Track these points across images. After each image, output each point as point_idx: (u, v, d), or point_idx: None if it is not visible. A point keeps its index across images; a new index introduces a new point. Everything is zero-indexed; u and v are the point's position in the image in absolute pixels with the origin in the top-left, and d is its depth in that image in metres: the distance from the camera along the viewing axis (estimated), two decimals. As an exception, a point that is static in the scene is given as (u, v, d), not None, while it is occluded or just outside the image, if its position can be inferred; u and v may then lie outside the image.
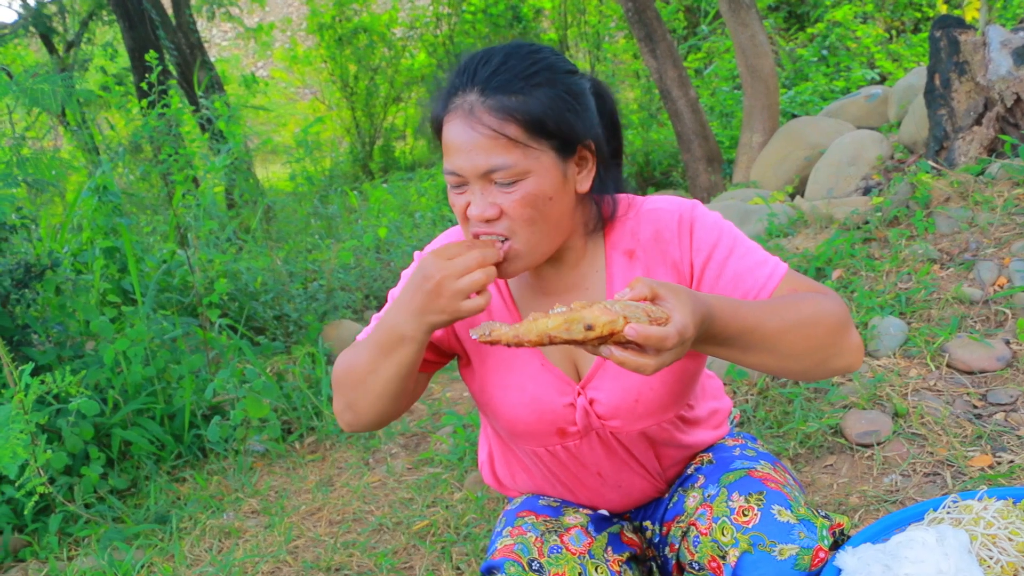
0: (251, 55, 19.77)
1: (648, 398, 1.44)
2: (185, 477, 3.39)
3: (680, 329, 1.06)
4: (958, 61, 4.18)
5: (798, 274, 1.38)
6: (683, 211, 1.41)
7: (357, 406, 1.42)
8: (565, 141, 1.31)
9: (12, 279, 3.47)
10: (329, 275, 5.16)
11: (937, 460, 2.35)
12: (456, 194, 1.33)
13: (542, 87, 1.29)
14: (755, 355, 1.25)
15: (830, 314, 1.28)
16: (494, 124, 1.26)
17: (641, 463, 1.54)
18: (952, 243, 3.44)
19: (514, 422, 1.49)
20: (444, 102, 1.33)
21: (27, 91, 2.87)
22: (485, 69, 1.29)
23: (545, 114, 1.28)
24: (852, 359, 1.32)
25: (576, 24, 12.78)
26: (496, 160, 1.26)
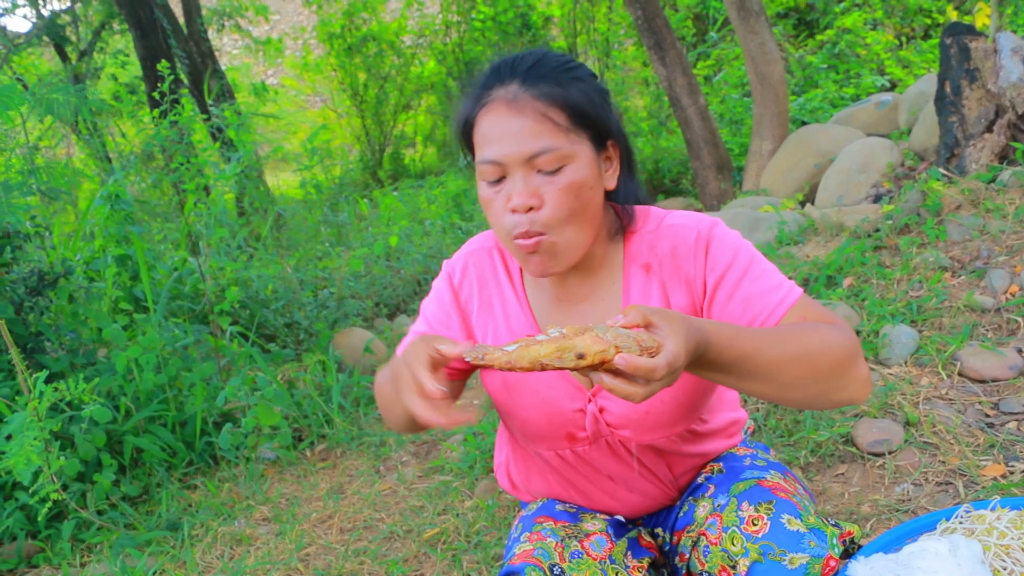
0: (261, 63, 19.86)
1: (658, 410, 1.44)
2: (197, 484, 3.40)
3: (670, 360, 1.06)
4: (969, 68, 4.18)
5: (812, 301, 1.37)
6: (701, 229, 1.41)
7: (391, 418, 1.45)
8: (599, 133, 1.35)
9: (26, 287, 3.49)
10: (340, 283, 5.17)
11: (949, 469, 2.34)
12: (493, 190, 1.34)
13: (578, 81, 1.33)
14: (753, 383, 1.23)
15: (835, 346, 1.25)
16: (540, 108, 1.28)
17: (652, 471, 1.54)
18: (963, 251, 3.43)
19: (526, 423, 1.51)
20: (477, 98, 1.35)
21: (42, 101, 2.90)
22: (523, 64, 1.33)
23: (585, 104, 1.31)
24: (856, 392, 1.29)
25: (585, 31, 12.81)
26: (544, 142, 1.28)
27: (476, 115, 1.34)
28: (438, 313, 1.55)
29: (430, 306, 1.56)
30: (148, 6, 8.86)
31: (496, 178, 1.32)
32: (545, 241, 1.31)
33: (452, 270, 1.56)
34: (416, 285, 5.99)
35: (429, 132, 14.40)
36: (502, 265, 1.54)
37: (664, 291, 1.42)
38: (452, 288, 1.55)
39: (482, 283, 1.53)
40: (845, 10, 10.00)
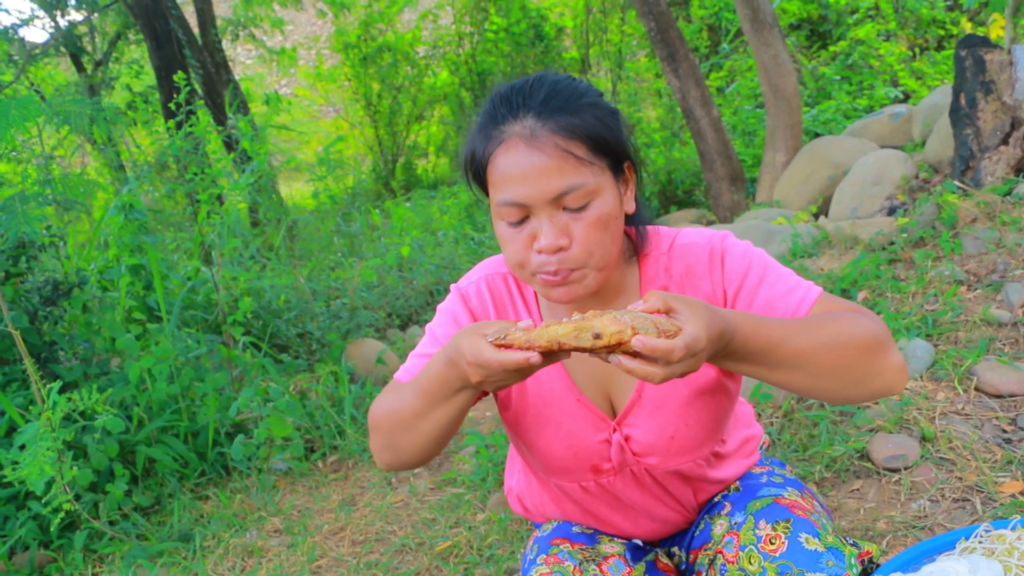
0: (275, 73, 19.94)
1: (683, 435, 1.42)
2: (208, 495, 3.41)
3: (689, 342, 1.04)
4: (984, 80, 4.16)
5: (833, 296, 1.35)
6: (713, 244, 1.40)
7: (400, 447, 1.37)
8: (617, 159, 1.31)
9: (40, 296, 3.51)
10: (352, 293, 5.18)
11: (966, 486, 2.32)
12: (514, 230, 1.28)
13: (591, 107, 1.27)
14: (783, 373, 1.21)
15: (865, 332, 1.23)
16: (561, 143, 1.23)
17: (675, 497, 1.52)
18: (979, 264, 3.41)
19: (549, 457, 1.47)
20: (489, 134, 1.28)
21: (58, 111, 2.91)
22: (536, 95, 1.27)
23: (602, 131, 1.26)
24: (892, 380, 1.25)
25: (598, 43, 12.82)
26: (570, 181, 1.23)
27: (491, 153, 1.27)
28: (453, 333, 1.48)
29: (442, 327, 1.49)
30: (163, 17, 8.92)
31: (519, 219, 1.27)
32: (575, 274, 1.28)
33: (466, 293, 1.50)
34: (428, 296, 5.98)
35: (442, 142, 14.43)
36: (517, 291, 1.50)
37: None
38: (469, 309, 1.49)
39: (499, 308, 1.49)
40: (858, 21, 9.98)
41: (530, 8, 13.22)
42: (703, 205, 7.84)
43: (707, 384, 1.40)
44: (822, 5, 10.42)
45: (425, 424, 1.31)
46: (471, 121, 1.36)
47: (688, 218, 7.21)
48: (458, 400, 1.27)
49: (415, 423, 1.32)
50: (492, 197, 1.30)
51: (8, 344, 3.30)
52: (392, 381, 1.46)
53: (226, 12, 13.48)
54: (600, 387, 1.45)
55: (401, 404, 1.35)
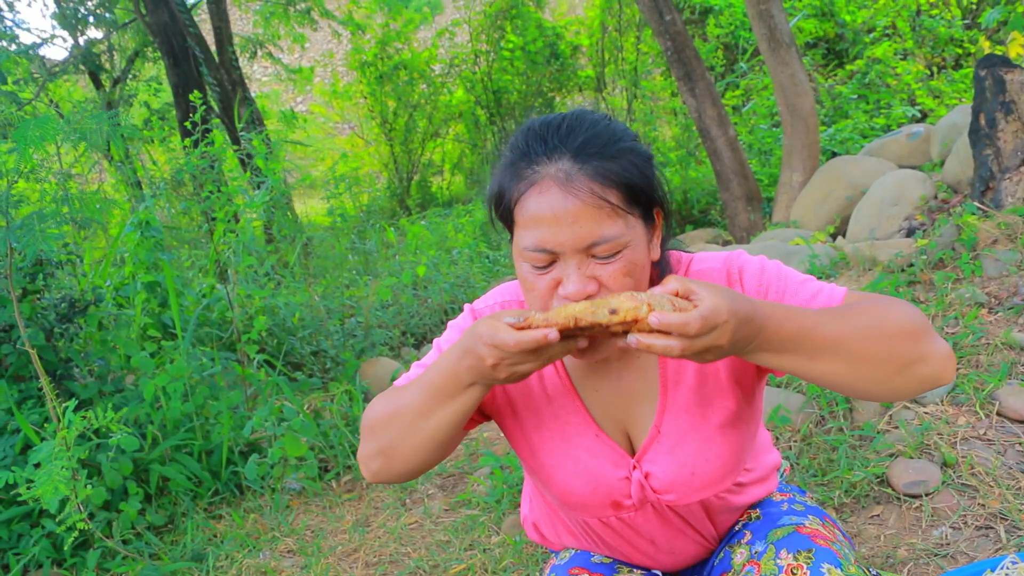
0: (291, 91, 20.08)
1: (704, 471, 1.38)
2: (222, 514, 3.39)
3: (705, 314, 1.02)
4: (1004, 100, 4.13)
5: (860, 292, 1.30)
6: (729, 265, 1.37)
7: (394, 452, 1.30)
8: (647, 208, 1.26)
9: (57, 313, 3.52)
10: (367, 312, 5.17)
11: (989, 513, 2.28)
12: (538, 274, 1.23)
13: (627, 154, 1.22)
14: (823, 362, 1.14)
15: (904, 316, 1.17)
16: (597, 190, 1.17)
17: (697, 530, 1.50)
18: (1000, 286, 3.37)
19: (568, 493, 1.43)
20: (521, 173, 1.22)
21: (76, 128, 2.93)
22: (575, 136, 1.21)
23: (638, 179, 1.22)
24: (939, 367, 1.17)
25: (614, 61, 12.84)
26: (604, 231, 1.17)
27: (522, 194, 1.21)
28: None
29: (449, 342, 1.44)
30: (181, 35, 9.00)
31: (545, 264, 1.21)
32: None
33: (480, 314, 1.46)
34: (443, 314, 5.97)
35: (457, 160, 14.47)
36: None
37: None
38: None
39: None
40: (875, 40, 9.96)
41: (546, 26, 13.27)
42: (719, 225, 7.81)
43: (727, 418, 1.37)
44: (839, 24, 10.41)
45: (427, 425, 1.26)
46: (500, 152, 1.30)
47: (704, 238, 7.18)
48: (466, 398, 1.22)
49: (416, 423, 1.27)
50: (518, 238, 1.24)
51: (24, 361, 3.30)
52: (391, 387, 1.40)
53: (243, 29, 13.59)
54: (618, 423, 1.42)
55: (401, 404, 1.29)
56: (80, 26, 10.73)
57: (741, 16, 10.52)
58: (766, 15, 6.26)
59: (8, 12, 12.52)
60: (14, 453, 3.10)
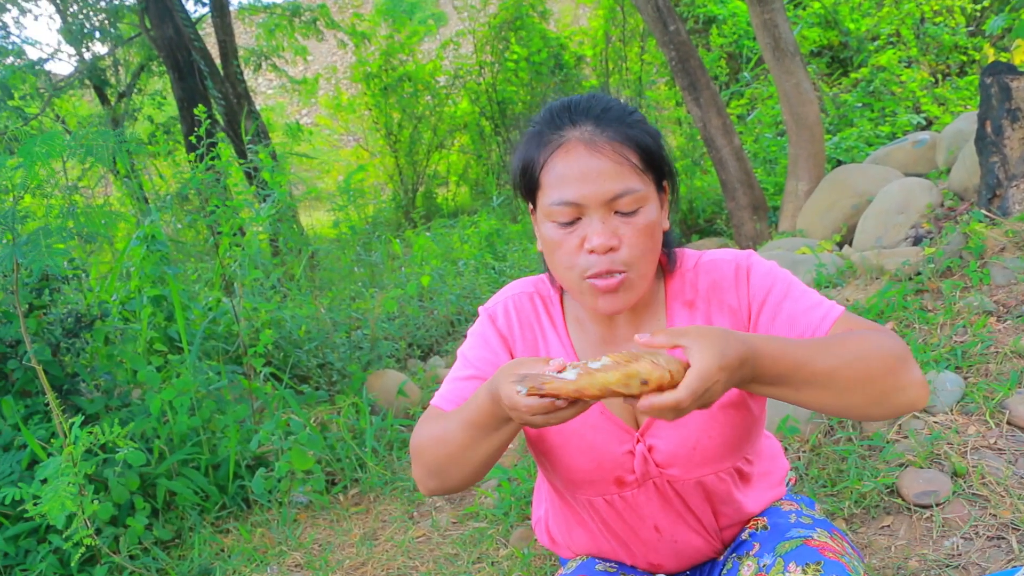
0: (296, 103, 20.14)
1: (705, 445, 1.43)
2: (229, 528, 3.38)
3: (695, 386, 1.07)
4: (1010, 108, 4.12)
5: (854, 315, 1.37)
6: (739, 260, 1.45)
7: (447, 477, 1.40)
8: (661, 175, 1.39)
9: (63, 328, 3.52)
10: (373, 324, 5.17)
11: (1001, 523, 2.26)
12: (564, 232, 1.33)
13: (641, 124, 1.37)
14: (810, 392, 1.22)
15: (886, 348, 1.25)
16: (619, 149, 1.31)
17: (697, 517, 1.52)
18: (1009, 295, 3.36)
19: (573, 470, 1.48)
20: (547, 139, 1.35)
21: (82, 144, 2.94)
22: (593, 107, 1.35)
23: (653, 146, 1.35)
24: (915, 395, 1.26)
25: (618, 71, 12.85)
26: (626, 184, 1.30)
27: (548, 156, 1.34)
28: (484, 354, 1.52)
29: (473, 351, 1.53)
30: (186, 49, 9.04)
31: (571, 219, 1.32)
32: (625, 279, 1.32)
33: (494, 313, 1.55)
34: (449, 326, 5.97)
35: (462, 171, 14.47)
36: (543, 309, 1.53)
37: (709, 324, 1.43)
38: (497, 330, 1.53)
39: (525, 326, 1.53)
40: (879, 48, 9.95)
41: (550, 37, 13.28)
42: (725, 234, 7.80)
43: (730, 398, 1.43)
44: (843, 32, 10.40)
45: (474, 455, 1.35)
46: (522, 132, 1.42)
47: (710, 247, 7.16)
48: (506, 431, 1.31)
49: (463, 454, 1.36)
50: (544, 199, 1.35)
51: (30, 376, 3.31)
52: (431, 408, 1.50)
53: (248, 42, 13.63)
54: None
55: (447, 435, 1.37)
56: (86, 41, 10.78)
57: (745, 25, 10.52)
58: (770, 24, 6.25)
59: (15, 28, 12.59)
60: (21, 468, 3.10)
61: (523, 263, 7.18)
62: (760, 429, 1.54)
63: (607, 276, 1.31)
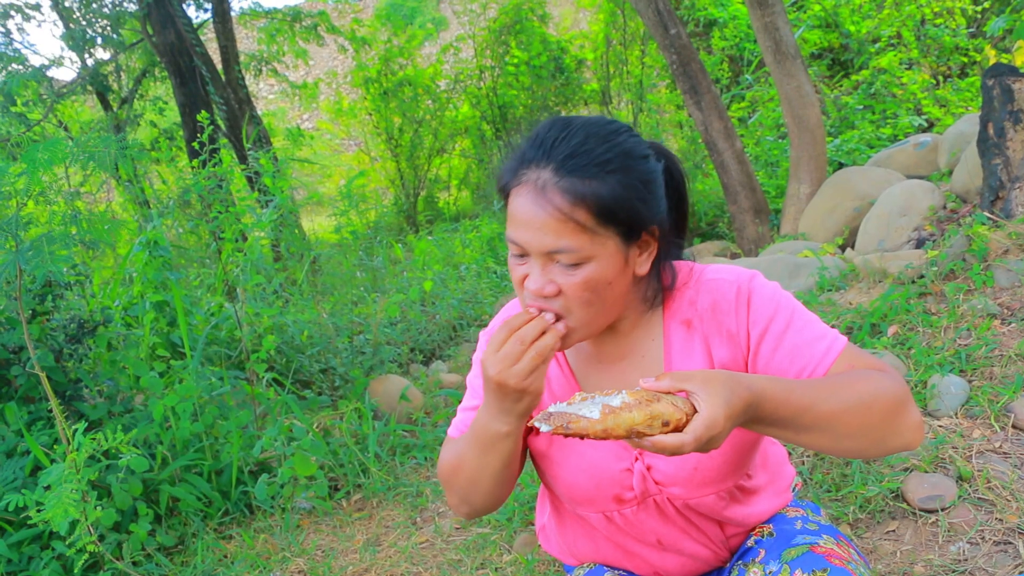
0: (297, 108, 20.17)
1: (706, 466, 1.41)
2: (232, 534, 3.38)
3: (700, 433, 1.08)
4: (1013, 110, 4.11)
5: (857, 349, 1.35)
6: (741, 282, 1.40)
7: (473, 500, 1.45)
8: (631, 228, 1.30)
9: (66, 334, 3.52)
10: (375, 329, 5.16)
11: (1007, 528, 2.25)
12: (516, 263, 1.33)
13: (616, 174, 1.27)
14: (809, 435, 1.22)
15: (888, 393, 1.24)
16: (564, 207, 1.24)
17: (702, 530, 1.50)
18: (1013, 297, 3.35)
19: (572, 487, 1.48)
20: (515, 171, 1.32)
21: (85, 149, 2.94)
22: (562, 147, 1.27)
23: (615, 202, 1.26)
24: (910, 438, 1.27)
25: (619, 75, 12.86)
26: (563, 243, 1.25)
27: (510, 189, 1.32)
28: None
29: (479, 378, 1.53)
30: (188, 54, 9.05)
31: (519, 254, 1.32)
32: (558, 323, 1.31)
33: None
34: (451, 330, 5.96)
35: (463, 175, 14.49)
36: None
37: (707, 346, 1.40)
38: None
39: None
40: (880, 50, 9.94)
41: (550, 41, 13.30)
42: (727, 237, 7.80)
43: None
44: (843, 34, 10.40)
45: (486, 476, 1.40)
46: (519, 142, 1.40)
47: (712, 250, 7.16)
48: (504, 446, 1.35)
49: (477, 475, 1.41)
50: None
51: (34, 383, 3.31)
52: (447, 439, 1.54)
53: (249, 47, 13.65)
54: None
55: (460, 460, 1.43)
56: (88, 47, 10.79)
57: (746, 28, 10.52)
58: (771, 27, 6.25)
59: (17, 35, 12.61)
60: (24, 475, 3.10)
61: (525, 267, 7.16)
62: (760, 442, 1.52)
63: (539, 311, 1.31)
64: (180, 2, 9.42)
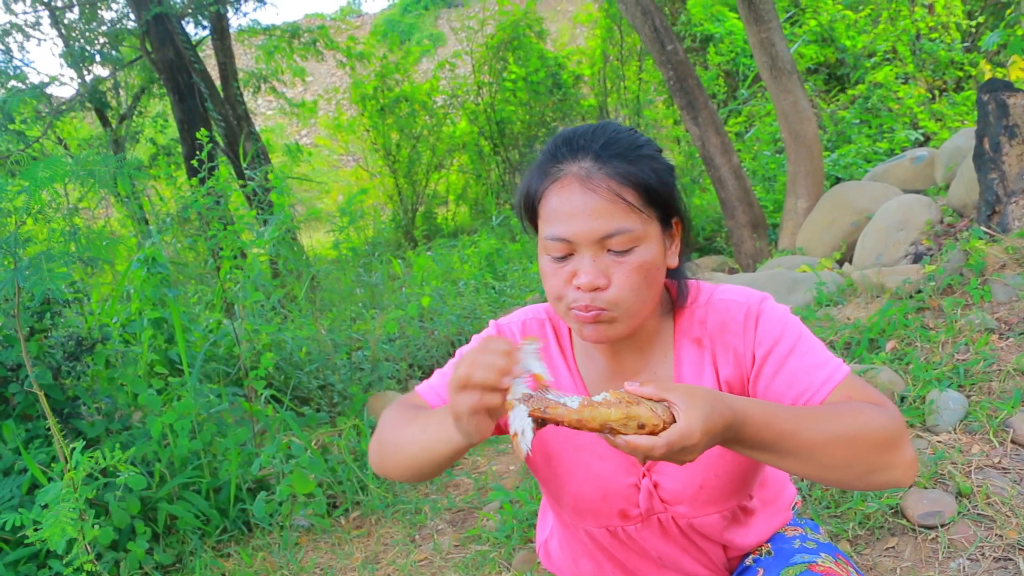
0: (295, 124, 20.21)
1: (712, 484, 1.41)
2: (230, 552, 3.36)
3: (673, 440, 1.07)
4: (1008, 125, 4.13)
5: (859, 380, 1.33)
6: (751, 304, 1.40)
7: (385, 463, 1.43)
8: (666, 212, 1.33)
9: (64, 352, 3.52)
10: (374, 345, 5.16)
11: (1007, 544, 2.25)
12: (557, 265, 1.31)
13: (648, 159, 1.30)
14: (792, 462, 1.20)
15: (879, 428, 1.22)
16: (614, 187, 1.26)
17: (703, 550, 1.50)
18: (1010, 312, 3.36)
19: (578, 499, 1.47)
20: (546, 172, 1.32)
21: (84, 166, 2.94)
22: (596, 140, 1.30)
23: (656, 183, 1.29)
24: (901, 475, 1.24)
25: (616, 90, 12.90)
26: (618, 223, 1.26)
27: (545, 189, 1.31)
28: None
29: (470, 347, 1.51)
30: (186, 71, 9.08)
31: (563, 254, 1.30)
32: (605, 315, 1.29)
33: (503, 328, 1.54)
34: (450, 346, 5.95)
35: (461, 191, 14.51)
36: (554, 338, 1.52)
37: (715, 364, 1.40)
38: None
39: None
40: (876, 64, 9.99)
41: (548, 57, 13.35)
42: (725, 252, 7.81)
43: None
44: (839, 49, 10.45)
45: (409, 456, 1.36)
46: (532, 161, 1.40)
47: (710, 265, 7.18)
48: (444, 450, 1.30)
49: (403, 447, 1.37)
50: (541, 230, 1.33)
51: (31, 400, 3.30)
52: (412, 394, 1.52)
53: (247, 64, 13.70)
54: None
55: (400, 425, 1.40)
56: (87, 64, 10.84)
57: (742, 43, 10.57)
58: (767, 43, 6.29)
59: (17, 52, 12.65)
60: (21, 493, 3.09)
61: (523, 283, 7.17)
62: (763, 465, 1.50)
63: (586, 310, 1.29)
64: (179, 19, 9.47)
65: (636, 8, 6.67)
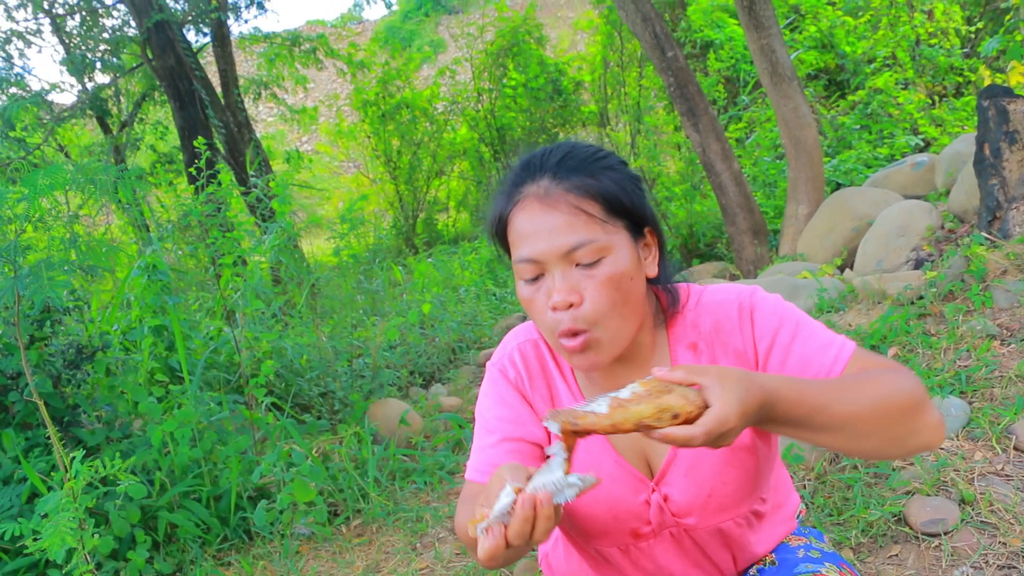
0: (296, 131, 20.23)
1: (721, 493, 1.39)
2: (231, 561, 3.35)
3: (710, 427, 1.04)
4: (1008, 130, 4.13)
5: (867, 351, 1.32)
6: (742, 299, 1.38)
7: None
8: (635, 222, 1.32)
9: (64, 360, 3.51)
10: (374, 352, 5.15)
11: (1011, 552, 2.24)
12: (531, 288, 1.30)
13: (609, 171, 1.30)
14: (826, 435, 1.18)
15: (905, 392, 1.21)
16: (573, 201, 1.26)
17: (715, 562, 1.48)
18: (1012, 318, 3.35)
19: (589, 521, 1.44)
20: (509, 196, 1.32)
21: (85, 173, 2.94)
22: (552, 158, 1.31)
23: (619, 192, 1.29)
24: (931, 437, 1.23)
25: (616, 96, 12.91)
26: (579, 236, 1.25)
27: (509, 213, 1.32)
28: (504, 413, 1.46)
29: (492, 411, 1.47)
30: (187, 78, 9.09)
31: (534, 276, 1.29)
32: (590, 338, 1.27)
33: (504, 368, 1.49)
34: (451, 353, 5.95)
35: (462, 197, 14.52)
36: (550, 356, 1.48)
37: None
38: (511, 384, 1.48)
39: (535, 375, 1.48)
40: (876, 70, 10.01)
41: (548, 63, 13.37)
42: (726, 258, 7.81)
43: (743, 442, 1.38)
44: (839, 55, 10.47)
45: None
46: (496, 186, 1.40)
47: (711, 271, 7.17)
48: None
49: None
50: (512, 256, 1.33)
51: (31, 409, 3.29)
52: (466, 485, 1.44)
53: (248, 71, 13.72)
54: (637, 449, 1.42)
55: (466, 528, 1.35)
56: (88, 71, 10.85)
57: (742, 49, 10.58)
58: (767, 49, 6.29)
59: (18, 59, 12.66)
60: (20, 502, 3.08)
61: (524, 289, 7.16)
62: (772, 464, 1.49)
63: (571, 336, 1.28)
64: (180, 27, 9.48)
65: (636, 14, 6.67)
